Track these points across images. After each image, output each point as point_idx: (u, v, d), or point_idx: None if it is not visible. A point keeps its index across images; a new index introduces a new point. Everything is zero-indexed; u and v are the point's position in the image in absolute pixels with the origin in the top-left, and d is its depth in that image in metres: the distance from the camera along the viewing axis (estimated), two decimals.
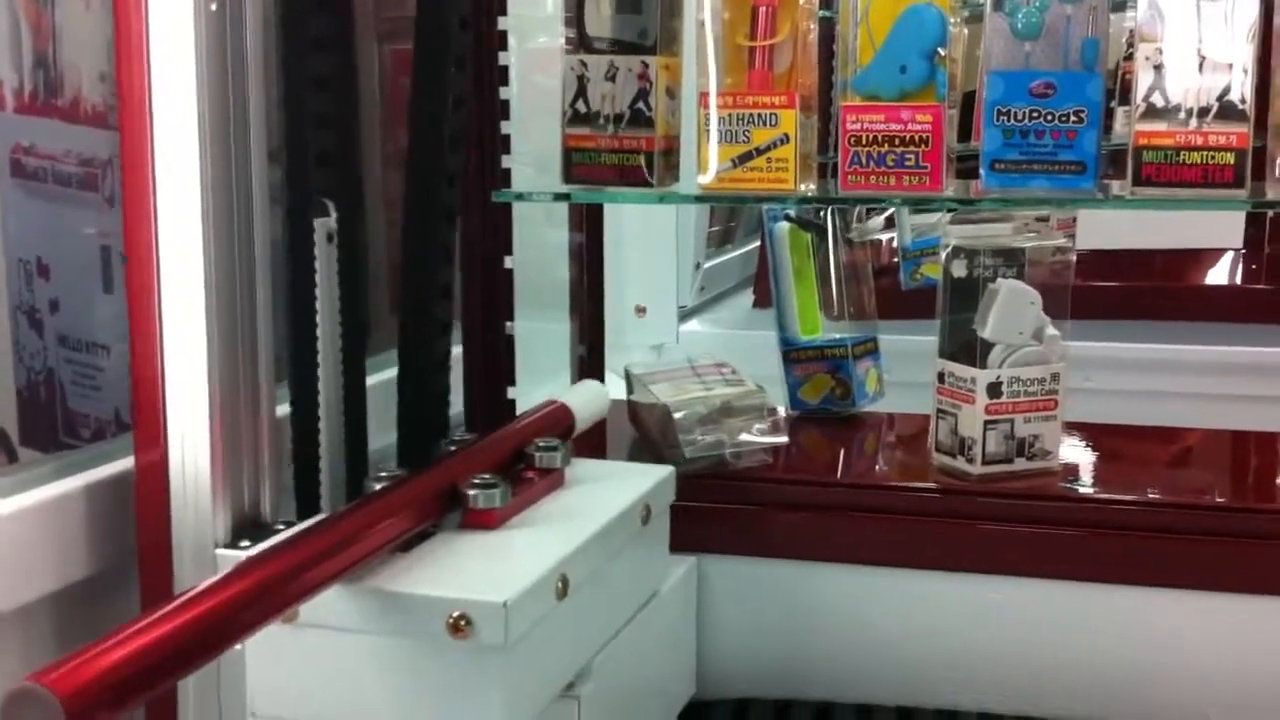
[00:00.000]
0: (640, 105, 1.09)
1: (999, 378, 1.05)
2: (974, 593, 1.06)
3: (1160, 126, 0.98)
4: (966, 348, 1.07)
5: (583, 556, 0.85)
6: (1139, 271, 2.16)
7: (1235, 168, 0.98)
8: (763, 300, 2.00)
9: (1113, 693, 1.05)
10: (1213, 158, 0.98)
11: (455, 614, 0.75)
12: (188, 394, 0.83)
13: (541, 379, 1.24)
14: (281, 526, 0.87)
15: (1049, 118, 1.00)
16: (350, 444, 0.95)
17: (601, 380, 1.35)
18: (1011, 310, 1.05)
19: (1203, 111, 0.98)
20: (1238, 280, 2.13)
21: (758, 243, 2.11)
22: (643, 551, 0.99)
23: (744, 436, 1.11)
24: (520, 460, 0.95)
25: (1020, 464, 1.06)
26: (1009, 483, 1.06)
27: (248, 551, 0.83)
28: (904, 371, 1.31)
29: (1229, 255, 2.19)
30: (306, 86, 0.89)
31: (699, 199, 1.16)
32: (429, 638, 0.76)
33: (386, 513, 0.80)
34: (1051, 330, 1.06)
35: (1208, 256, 2.20)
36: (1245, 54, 0.98)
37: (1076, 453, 1.16)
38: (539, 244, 1.39)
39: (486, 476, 0.87)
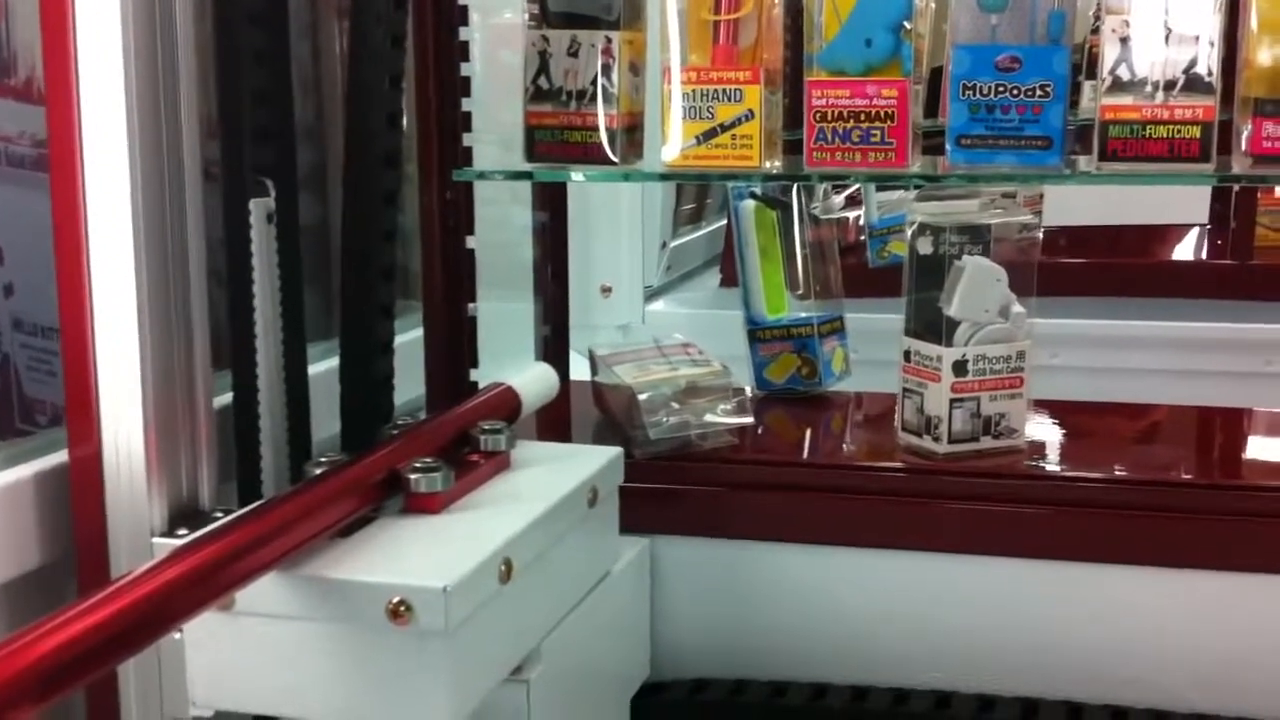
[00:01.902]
0: (603, 81, 1.08)
1: (965, 356, 1.04)
2: (939, 571, 1.06)
3: (1126, 100, 0.97)
4: (932, 326, 1.06)
5: (526, 539, 0.84)
6: (1105, 248, 2.16)
7: (1201, 141, 0.97)
8: (730, 279, 1.99)
9: (1076, 670, 1.05)
10: (1179, 131, 0.97)
11: (395, 600, 0.74)
12: (121, 380, 0.81)
13: (504, 361, 1.22)
14: (220, 514, 0.85)
15: (1015, 92, 0.99)
16: (293, 430, 0.94)
17: (566, 361, 1.33)
18: (977, 288, 1.04)
19: (1169, 85, 0.97)
20: (1203, 256, 2.14)
21: (726, 220, 2.10)
22: (590, 533, 0.98)
23: (709, 417, 1.10)
24: (465, 444, 0.93)
25: (986, 442, 1.06)
26: (975, 461, 1.05)
27: (183, 540, 0.81)
28: (872, 350, 1.30)
29: (1195, 231, 2.20)
30: (242, 61, 0.87)
31: (663, 177, 1.14)
32: (369, 624, 0.75)
33: (326, 498, 0.79)
34: (1017, 308, 1.05)
35: (1174, 232, 2.20)
36: (1212, 26, 0.97)
37: (1043, 430, 1.15)
38: (502, 223, 1.38)
39: (428, 460, 0.85)
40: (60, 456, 0.88)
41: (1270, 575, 1.01)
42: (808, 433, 1.26)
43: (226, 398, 0.93)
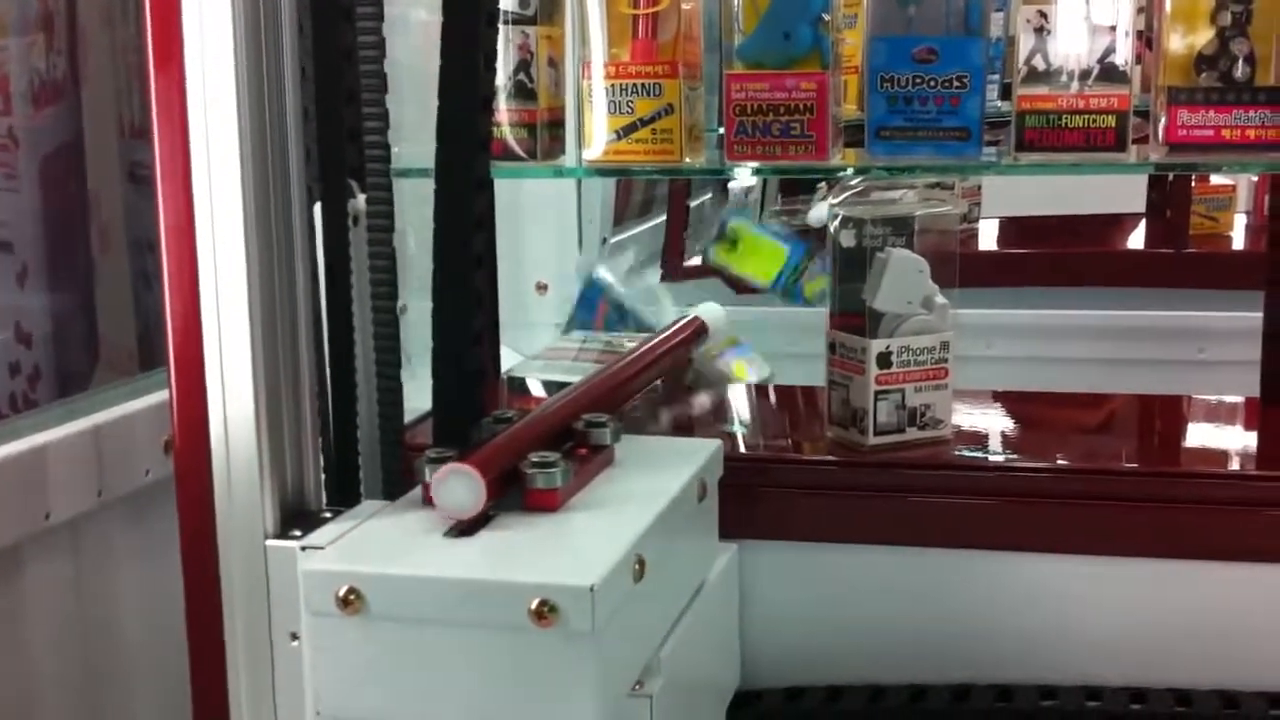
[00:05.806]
0: (522, 77, 1.07)
1: (889, 348, 1.04)
2: (867, 564, 1.05)
3: (1042, 90, 0.98)
4: (856, 318, 1.06)
5: (654, 535, 0.81)
6: (1042, 238, 2.17)
7: (1117, 130, 0.98)
8: (669, 273, 1.99)
9: (1002, 659, 1.04)
10: (1094, 121, 0.98)
11: (538, 600, 0.71)
12: (232, 383, 0.79)
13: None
14: (329, 514, 0.83)
15: (932, 84, 0.99)
16: (384, 429, 0.91)
17: (498, 359, 1.32)
18: (900, 279, 1.04)
19: (1084, 74, 0.97)
20: (1139, 245, 2.15)
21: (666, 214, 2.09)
22: (698, 531, 0.96)
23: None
24: (568, 439, 0.90)
25: (912, 433, 1.06)
26: (901, 453, 1.05)
27: (299, 542, 0.79)
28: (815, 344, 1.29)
29: (1131, 220, 2.21)
30: (337, 59, 0.84)
31: (588, 173, 1.14)
32: (510, 627, 0.72)
33: None
34: (940, 299, 1.05)
35: (1110, 222, 2.21)
36: (1128, 15, 0.97)
37: (971, 420, 1.15)
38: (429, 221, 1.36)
39: (545, 455, 0.82)
40: None
41: (1205, 561, 1.01)
42: (739, 426, 1.25)
43: None
